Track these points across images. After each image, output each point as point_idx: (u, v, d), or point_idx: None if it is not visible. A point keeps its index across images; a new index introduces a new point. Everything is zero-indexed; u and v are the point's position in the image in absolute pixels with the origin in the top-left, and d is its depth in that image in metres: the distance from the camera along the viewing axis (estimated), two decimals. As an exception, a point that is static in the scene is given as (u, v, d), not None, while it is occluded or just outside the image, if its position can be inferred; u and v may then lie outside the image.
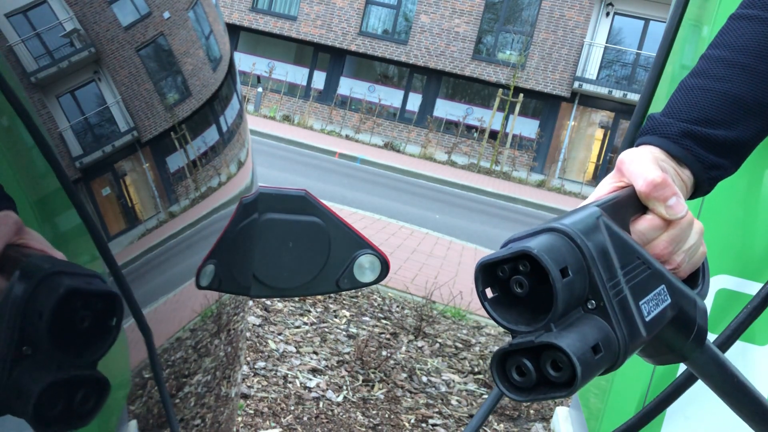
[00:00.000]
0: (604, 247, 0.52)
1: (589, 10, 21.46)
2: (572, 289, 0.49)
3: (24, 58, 0.57)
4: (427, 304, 4.55)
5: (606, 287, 0.51)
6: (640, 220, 0.64)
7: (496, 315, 0.50)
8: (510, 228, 10.67)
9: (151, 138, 0.74)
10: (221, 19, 1.05)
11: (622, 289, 0.52)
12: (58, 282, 0.42)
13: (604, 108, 22.66)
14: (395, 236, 7.22)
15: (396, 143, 20.78)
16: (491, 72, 21.97)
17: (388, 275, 1.07)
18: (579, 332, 0.48)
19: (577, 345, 0.47)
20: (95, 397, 0.44)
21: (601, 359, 0.48)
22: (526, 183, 19.37)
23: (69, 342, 0.43)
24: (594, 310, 0.51)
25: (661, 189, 0.63)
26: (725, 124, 0.73)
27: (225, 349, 1.01)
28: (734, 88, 0.74)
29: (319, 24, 22.86)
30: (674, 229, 0.64)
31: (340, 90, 23.36)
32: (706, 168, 0.72)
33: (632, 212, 0.64)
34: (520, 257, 0.49)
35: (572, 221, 0.52)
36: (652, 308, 0.55)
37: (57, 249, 0.48)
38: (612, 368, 0.51)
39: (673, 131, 0.72)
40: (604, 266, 0.51)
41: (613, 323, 0.50)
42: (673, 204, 0.63)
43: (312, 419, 2.96)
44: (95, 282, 0.44)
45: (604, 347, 0.49)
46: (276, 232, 1.03)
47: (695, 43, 1.58)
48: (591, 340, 0.48)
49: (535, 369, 0.48)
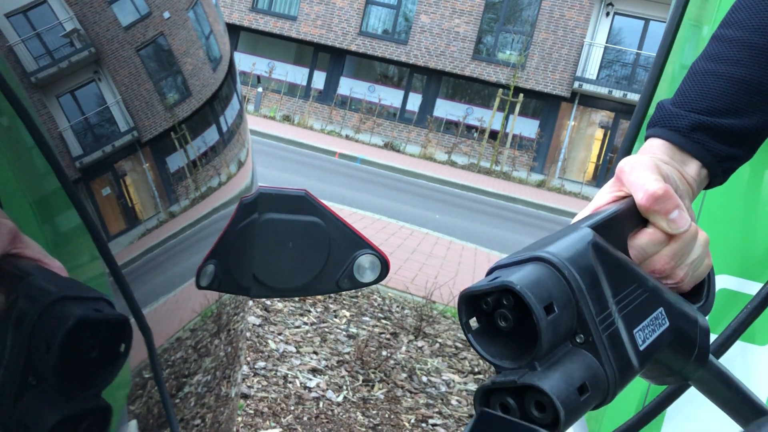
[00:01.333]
0: (594, 278, 0.48)
1: (589, 10, 21.46)
2: (558, 326, 0.45)
3: (24, 58, 0.57)
4: (427, 304, 4.55)
5: (595, 321, 0.47)
6: (639, 234, 0.59)
7: (479, 348, 0.46)
8: (510, 228, 10.67)
9: (151, 138, 0.74)
10: (221, 19, 1.05)
11: (613, 321, 0.49)
12: (67, 311, 0.40)
13: (604, 108, 22.66)
14: (395, 236, 7.22)
15: (396, 143, 20.77)
16: (491, 72, 21.97)
17: (388, 275, 1.07)
18: (564, 372, 0.45)
19: (561, 387, 0.44)
20: (99, 427, 0.43)
21: (588, 399, 0.46)
22: (526, 183, 19.37)
23: (77, 373, 0.41)
24: (582, 345, 0.47)
25: (663, 202, 0.59)
26: (740, 112, 0.68)
27: (225, 349, 1.01)
28: (750, 72, 0.68)
29: (319, 24, 22.86)
30: (677, 243, 0.60)
31: (340, 90, 23.36)
32: (720, 160, 0.67)
33: (631, 226, 0.60)
34: (503, 291, 0.46)
35: (561, 248, 0.48)
36: (648, 335, 0.51)
37: (57, 249, 0.48)
38: (601, 404, 0.48)
39: (683, 124, 0.67)
40: (593, 299, 0.48)
41: (602, 359, 0.47)
42: (676, 218, 0.59)
43: (312, 419, 2.96)
44: (104, 308, 0.42)
45: (592, 387, 0.46)
46: (276, 232, 1.03)
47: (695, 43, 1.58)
48: (577, 380, 0.45)
49: (519, 407, 0.45)
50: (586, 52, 21.70)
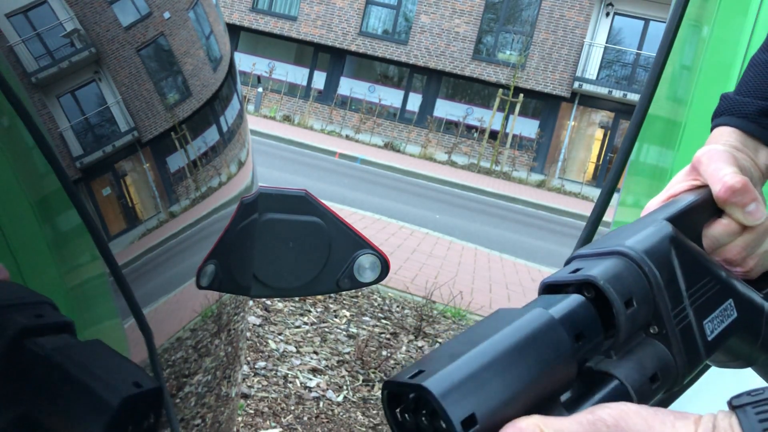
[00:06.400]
0: (672, 273, 0.50)
1: (589, 10, 21.46)
2: (635, 319, 0.47)
3: (24, 58, 0.57)
4: (427, 304, 4.55)
5: (670, 316, 0.49)
6: (714, 224, 0.60)
7: None
8: (510, 228, 10.67)
9: (152, 138, 0.75)
10: (221, 19, 1.05)
11: (687, 315, 0.50)
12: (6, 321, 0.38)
13: (604, 108, 22.66)
14: (395, 236, 7.22)
15: (396, 143, 20.77)
16: (491, 72, 21.97)
17: (388, 275, 1.07)
18: (638, 361, 0.47)
19: (635, 376, 0.45)
20: None
21: (658, 388, 0.47)
22: (526, 183, 19.37)
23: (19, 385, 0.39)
24: (656, 336, 0.49)
25: (741, 194, 0.59)
26: None
27: (225, 349, 1.01)
28: None
29: (319, 24, 22.86)
30: (750, 234, 0.61)
31: (340, 90, 23.36)
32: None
33: (706, 216, 0.60)
34: (585, 284, 0.47)
35: (641, 243, 0.50)
36: (716, 326, 0.53)
37: (57, 249, 0.48)
38: (667, 393, 0.50)
39: (751, 110, 0.68)
40: (670, 294, 0.49)
41: (673, 350, 0.49)
42: (753, 210, 0.59)
43: (312, 419, 2.96)
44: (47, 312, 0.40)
45: (662, 376, 0.47)
46: (276, 232, 1.03)
47: (695, 43, 1.57)
48: (650, 369, 0.47)
49: (585, 394, 0.45)
50: (586, 52, 21.70)
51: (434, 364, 0.39)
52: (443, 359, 0.39)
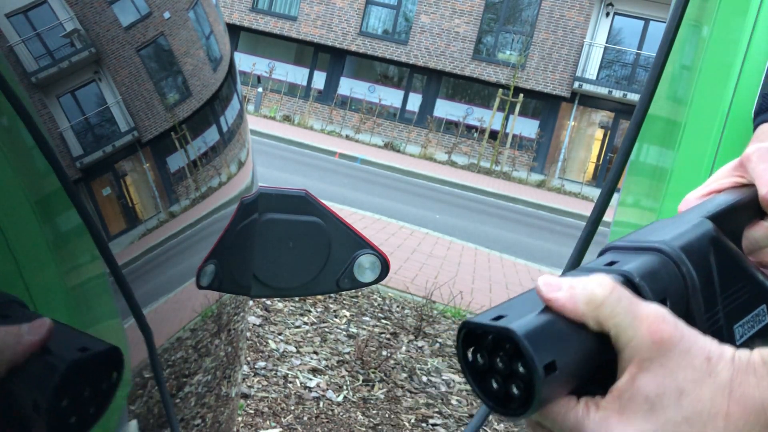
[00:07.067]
0: (709, 275, 0.48)
1: (589, 10, 21.46)
2: None
3: (24, 58, 0.57)
4: (427, 304, 4.55)
5: (703, 318, 0.47)
6: (756, 226, 0.58)
7: None
8: (510, 228, 10.67)
9: (152, 138, 0.75)
10: (221, 19, 1.05)
11: (718, 318, 0.49)
12: None
13: (604, 108, 22.66)
14: (395, 236, 7.22)
15: (396, 143, 20.78)
16: (491, 72, 21.97)
17: (388, 275, 1.07)
18: None
19: None
20: None
21: None
22: (526, 183, 19.37)
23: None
24: None
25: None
26: None
27: (225, 349, 1.01)
28: None
29: (319, 24, 22.86)
30: None
31: (340, 90, 23.36)
32: None
33: (749, 217, 0.59)
34: None
35: (680, 240, 0.48)
36: (746, 331, 0.51)
37: (57, 249, 0.48)
38: None
39: None
40: (705, 297, 0.48)
41: None
42: None
43: (312, 419, 2.96)
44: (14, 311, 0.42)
45: None
46: (276, 232, 1.03)
47: (695, 43, 1.57)
48: None
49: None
50: (586, 52, 21.70)
51: (515, 311, 0.41)
52: (524, 308, 0.42)
